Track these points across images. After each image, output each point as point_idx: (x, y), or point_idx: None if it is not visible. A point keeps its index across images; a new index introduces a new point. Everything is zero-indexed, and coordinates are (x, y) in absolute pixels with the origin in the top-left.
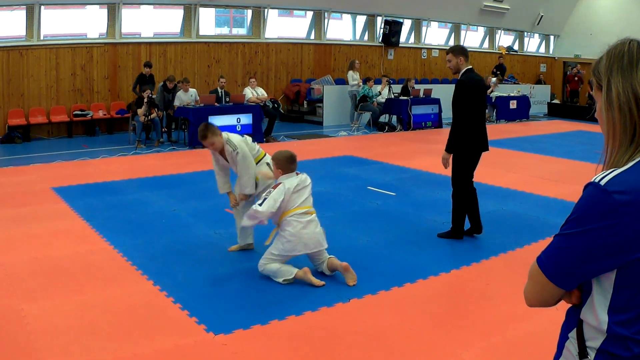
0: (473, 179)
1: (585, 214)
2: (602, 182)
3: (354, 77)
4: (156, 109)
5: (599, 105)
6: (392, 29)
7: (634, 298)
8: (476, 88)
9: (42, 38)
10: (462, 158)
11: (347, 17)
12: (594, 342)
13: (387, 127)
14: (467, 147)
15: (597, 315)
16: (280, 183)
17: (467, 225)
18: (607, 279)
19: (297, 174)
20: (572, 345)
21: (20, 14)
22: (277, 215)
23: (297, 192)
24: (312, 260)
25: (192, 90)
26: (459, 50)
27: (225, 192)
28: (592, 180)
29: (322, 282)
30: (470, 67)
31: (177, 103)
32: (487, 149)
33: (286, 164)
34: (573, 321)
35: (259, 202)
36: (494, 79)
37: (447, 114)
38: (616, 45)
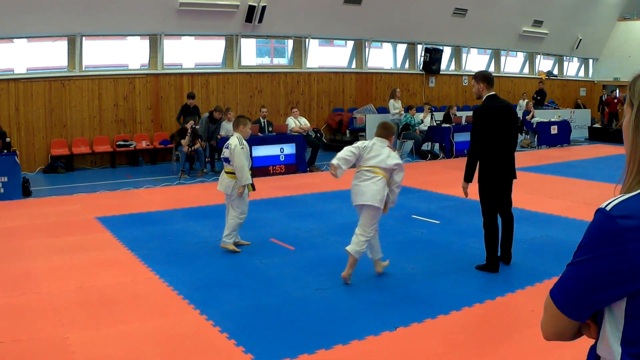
0: (510, 206)
1: (592, 240)
2: (608, 208)
3: (395, 105)
4: (199, 140)
5: (627, 121)
6: (433, 56)
7: None
8: (494, 115)
9: (84, 69)
10: (484, 187)
11: (387, 46)
12: None
13: (429, 155)
14: (486, 176)
15: (610, 347)
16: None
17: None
18: (618, 309)
19: (390, 148)
20: None
21: (62, 45)
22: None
23: (370, 153)
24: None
25: None
26: (480, 77)
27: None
28: (601, 206)
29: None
30: (493, 93)
31: (222, 133)
32: (514, 177)
33: (378, 128)
34: (592, 358)
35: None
36: (521, 102)
37: None
38: None
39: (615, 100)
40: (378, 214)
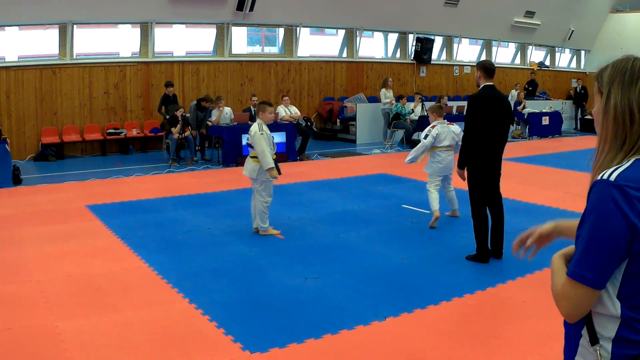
0: (500, 200)
1: (603, 209)
2: (612, 178)
3: (386, 95)
4: (189, 127)
5: (597, 108)
6: (424, 46)
7: None
8: (488, 104)
9: (74, 57)
10: (473, 176)
11: (378, 35)
12: (608, 332)
13: None
14: (476, 164)
15: (610, 301)
16: (435, 126)
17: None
18: (618, 269)
19: (449, 124)
20: (585, 340)
21: (53, 33)
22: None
23: (442, 135)
24: (445, 182)
25: (227, 109)
26: (480, 65)
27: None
28: (600, 177)
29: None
30: (490, 84)
31: (213, 119)
32: (499, 167)
33: (436, 110)
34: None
35: (422, 137)
36: (513, 92)
37: None
38: (621, 60)
39: None
40: None
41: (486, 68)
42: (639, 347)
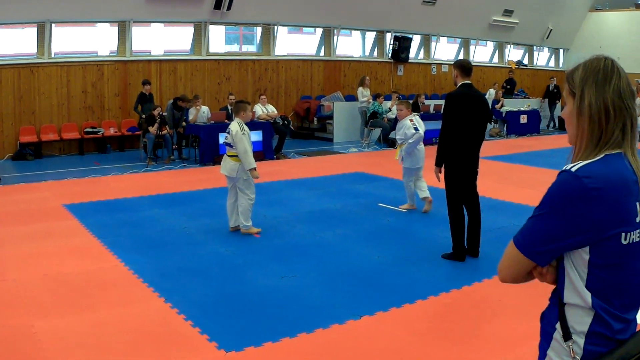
0: (477, 198)
1: (558, 196)
2: (574, 169)
3: (364, 93)
4: (167, 126)
5: (569, 109)
6: (402, 44)
7: (607, 278)
8: (465, 102)
9: (53, 55)
10: (450, 174)
11: (356, 34)
12: (582, 326)
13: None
14: (453, 162)
15: (580, 292)
16: (412, 120)
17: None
18: (581, 260)
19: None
20: (558, 334)
21: (31, 32)
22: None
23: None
24: (418, 172)
25: (205, 108)
26: (457, 64)
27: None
28: (564, 168)
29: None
30: (467, 82)
31: (191, 117)
32: (476, 165)
33: (409, 103)
34: (555, 310)
35: (413, 131)
36: (491, 90)
37: None
38: (592, 60)
39: None
40: None
41: (463, 67)
42: (611, 343)
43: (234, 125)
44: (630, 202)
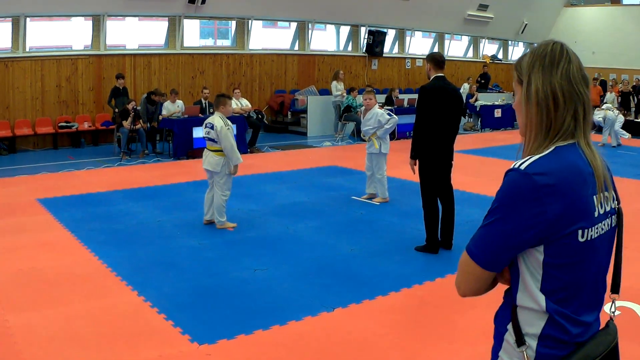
0: (451, 191)
1: (510, 198)
2: (522, 167)
3: (337, 87)
4: (140, 121)
5: (518, 98)
6: (376, 39)
7: (563, 277)
8: (438, 95)
9: (27, 50)
10: (424, 167)
11: (330, 28)
12: (534, 328)
13: None
14: (426, 155)
15: (534, 295)
16: (382, 106)
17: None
18: (535, 260)
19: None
20: (510, 336)
21: (5, 26)
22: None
23: None
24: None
25: (179, 102)
26: (429, 57)
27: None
28: (512, 166)
29: None
30: (441, 75)
31: (164, 113)
32: (451, 158)
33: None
34: (507, 312)
35: (387, 117)
36: (465, 84)
37: None
38: (540, 45)
39: None
40: None
41: (435, 60)
42: (567, 347)
43: (218, 121)
44: (587, 197)
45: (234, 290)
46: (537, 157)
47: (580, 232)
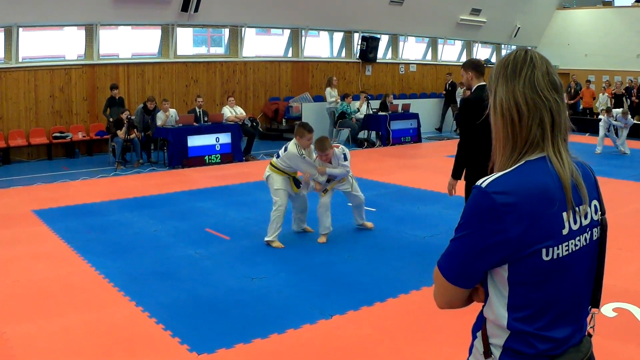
0: None
1: (470, 216)
2: (484, 185)
3: (331, 93)
4: (135, 130)
5: (490, 106)
6: (369, 45)
7: (529, 295)
8: (484, 108)
9: (20, 60)
10: (470, 188)
11: (324, 34)
12: (498, 339)
13: (366, 143)
14: (473, 175)
15: (496, 311)
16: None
17: None
18: (500, 277)
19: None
20: (479, 344)
21: None
22: None
23: None
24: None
25: (172, 111)
26: (468, 65)
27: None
28: (477, 183)
29: None
30: (483, 83)
31: (159, 123)
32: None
33: None
34: (480, 320)
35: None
36: (459, 90)
37: (426, 128)
38: (507, 54)
39: None
40: None
41: (477, 66)
42: (540, 358)
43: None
44: (553, 215)
45: (231, 299)
46: (500, 174)
47: (544, 251)
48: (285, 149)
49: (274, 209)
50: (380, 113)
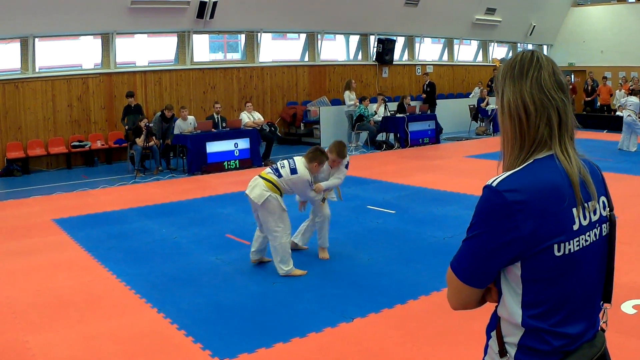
0: None
1: (482, 215)
2: (494, 184)
3: (350, 97)
4: (154, 137)
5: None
6: (386, 47)
7: (544, 292)
8: None
9: (37, 70)
10: None
11: (340, 38)
12: (513, 337)
13: (384, 146)
14: None
15: (510, 310)
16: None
17: None
18: (514, 276)
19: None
20: (494, 343)
21: (14, 47)
22: None
23: None
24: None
25: (191, 118)
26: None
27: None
28: (487, 183)
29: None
30: None
31: (177, 132)
32: None
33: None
34: (494, 320)
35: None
36: (476, 89)
37: (444, 129)
38: (514, 55)
39: (571, 86)
40: None
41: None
42: (550, 356)
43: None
44: (564, 211)
45: (253, 304)
46: (509, 173)
47: (556, 246)
48: (293, 171)
49: (279, 236)
50: (397, 115)
